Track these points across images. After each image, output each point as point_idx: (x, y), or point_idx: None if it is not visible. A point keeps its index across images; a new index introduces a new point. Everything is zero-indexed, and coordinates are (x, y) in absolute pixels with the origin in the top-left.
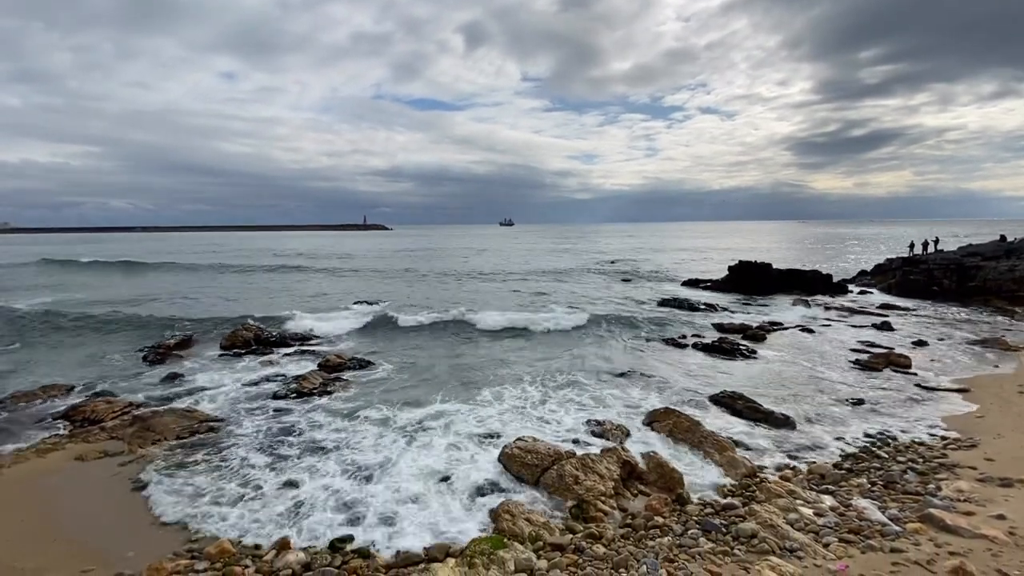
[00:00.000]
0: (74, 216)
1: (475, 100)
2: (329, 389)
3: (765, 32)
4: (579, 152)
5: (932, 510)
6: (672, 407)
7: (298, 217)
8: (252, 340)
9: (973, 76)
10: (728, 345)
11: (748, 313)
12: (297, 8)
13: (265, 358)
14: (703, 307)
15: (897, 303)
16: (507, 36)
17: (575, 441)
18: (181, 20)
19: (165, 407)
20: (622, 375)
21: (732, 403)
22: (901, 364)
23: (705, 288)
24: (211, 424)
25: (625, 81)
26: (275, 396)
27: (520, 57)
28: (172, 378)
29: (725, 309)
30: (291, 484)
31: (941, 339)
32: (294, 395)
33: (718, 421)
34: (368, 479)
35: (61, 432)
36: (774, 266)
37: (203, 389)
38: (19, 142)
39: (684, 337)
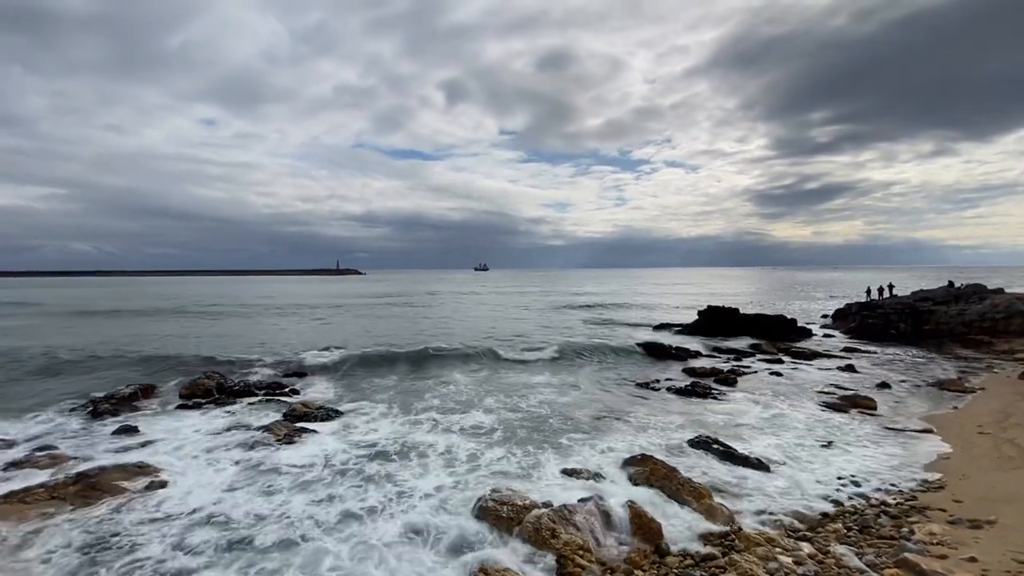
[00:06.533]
0: (32, 260)
1: (453, 151)
2: (294, 440)
3: (723, 95)
4: (552, 201)
5: (907, 554)
6: (648, 453)
7: (270, 261)
8: (214, 389)
9: (912, 136)
10: (701, 389)
11: (718, 356)
12: (284, 63)
13: (227, 408)
14: (675, 351)
15: (858, 346)
16: (486, 93)
17: (551, 492)
18: (167, 70)
19: (113, 462)
20: (596, 421)
21: (707, 447)
22: (866, 406)
23: (676, 332)
24: (163, 479)
25: (597, 136)
26: (236, 447)
27: (498, 113)
28: (125, 431)
29: (696, 353)
30: (246, 541)
31: (903, 381)
32: (257, 447)
33: (694, 467)
34: (335, 536)
35: None
36: (741, 311)
37: (158, 442)
38: None
39: (657, 381)
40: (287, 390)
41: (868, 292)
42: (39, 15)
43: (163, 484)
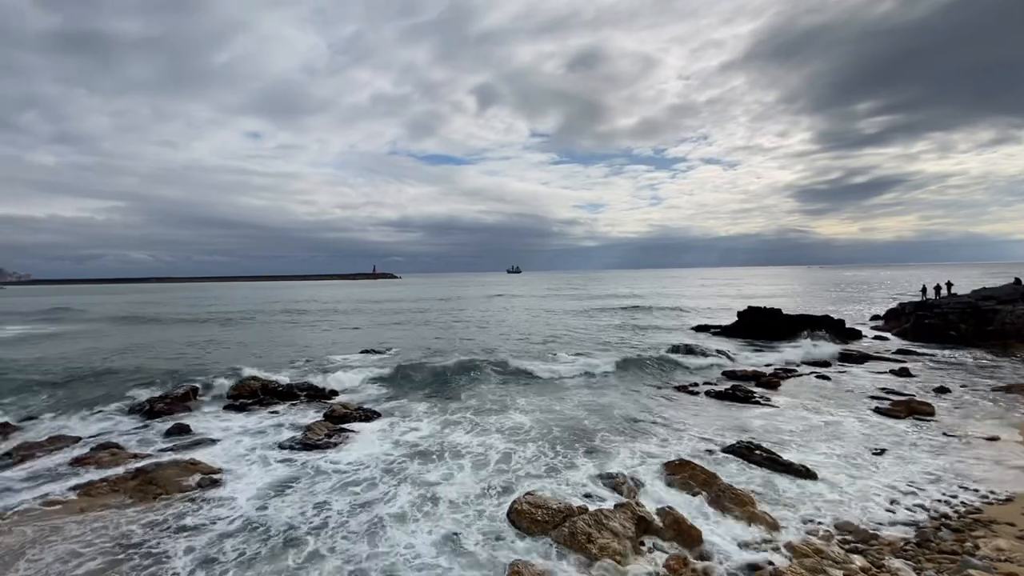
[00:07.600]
0: (94, 268)
1: (485, 155)
2: (334, 440)
3: (762, 88)
4: (585, 202)
5: (971, 571)
6: (687, 458)
7: (310, 267)
8: (259, 391)
9: (970, 125)
10: (742, 392)
11: (760, 359)
12: (323, 74)
13: (272, 409)
14: (714, 353)
15: (913, 348)
16: (517, 96)
17: (587, 495)
18: (214, 85)
19: (169, 459)
20: (633, 425)
21: (750, 453)
22: (924, 412)
23: (715, 334)
24: (214, 476)
25: (630, 135)
26: (280, 447)
27: (529, 115)
28: (178, 429)
29: (737, 355)
30: (293, 542)
31: (963, 385)
32: (299, 447)
33: (736, 473)
34: (371, 540)
35: (65, 485)
36: (784, 311)
37: (208, 440)
38: (48, 198)
39: (696, 385)
40: (327, 391)
41: (924, 291)
42: (98, 39)
43: (213, 481)
